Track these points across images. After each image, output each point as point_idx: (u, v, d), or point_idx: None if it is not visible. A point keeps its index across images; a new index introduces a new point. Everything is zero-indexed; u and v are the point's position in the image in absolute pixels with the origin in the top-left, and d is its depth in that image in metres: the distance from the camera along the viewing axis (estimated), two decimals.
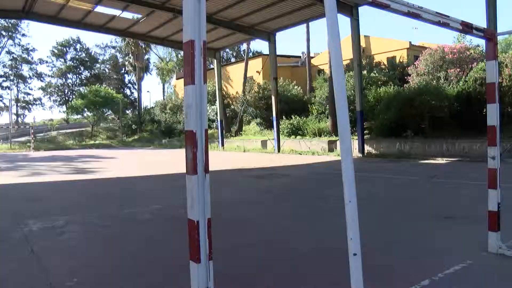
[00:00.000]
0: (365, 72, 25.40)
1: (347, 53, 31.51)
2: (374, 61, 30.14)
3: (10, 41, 71.83)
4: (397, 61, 30.89)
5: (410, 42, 33.16)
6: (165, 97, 68.59)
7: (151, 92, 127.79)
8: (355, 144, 19.17)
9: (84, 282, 3.96)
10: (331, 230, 5.75)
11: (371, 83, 24.98)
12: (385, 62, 30.61)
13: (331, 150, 21.43)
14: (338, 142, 20.95)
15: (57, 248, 5.27)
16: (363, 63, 26.33)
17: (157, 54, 73.06)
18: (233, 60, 68.25)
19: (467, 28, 3.46)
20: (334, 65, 1.64)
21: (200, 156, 2.07)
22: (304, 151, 22.62)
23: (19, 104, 76.23)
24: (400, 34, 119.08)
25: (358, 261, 1.72)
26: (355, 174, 1.87)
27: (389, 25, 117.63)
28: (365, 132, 20.96)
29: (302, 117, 27.60)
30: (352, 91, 21.34)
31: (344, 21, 25.13)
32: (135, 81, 67.40)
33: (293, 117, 27.35)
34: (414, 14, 2.73)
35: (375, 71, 26.99)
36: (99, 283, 3.94)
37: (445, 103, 18.74)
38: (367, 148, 19.93)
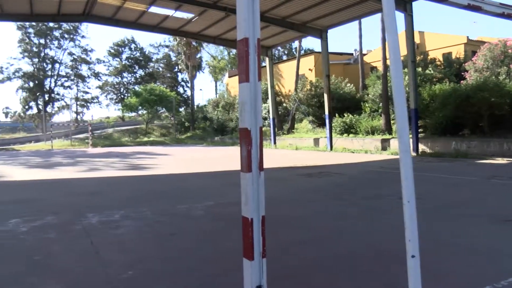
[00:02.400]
0: (419, 69, 24.65)
1: (401, 50, 30.74)
2: (429, 58, 29.21)
3: (71, 43, 75.00)
4: (454, 57, 29.81)
5: (467, 37, 31.86)
6: (217, 95, 69.35)
7: (204, 90, 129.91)
8: (409, 142, 18.65)
9: (139, 275, 4.07)
10: (383, 230, 5.64)
11: (426, 80, 24.23)
12: (441, 59, 29.60)
13: (384, 148, 20.99)
14: (391, 141, 20.59)
15: (113, 241, 5.44)
16: (417, 59, 25.61)
17: (209, 52, 73.99)
18: (284, 58, 68.13)
19: None
20: (393, 61, 1.59)
21: (255, 154, 2.07)
22: (356, 149, 22.27)
23: (78, 103, 79.29)
24: (456, 29, 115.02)
25: (416, 263, 1.67)
26: None
27: (445, 20, 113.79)
28: (419, 130, 20.38)
29: (355, 115, 27.14)
30: (406, 89, 20.73)
31: (397, 17, 24.51)
32: (188, 79, 68.63)
33: (345, 115, 26.95)
34: (475, 6, 2.63)
35: (429, 68, 26.17)
36: (152, 277, 4.03)
37: (506, 100, 17.91)
38: (421, 147, 19.38)
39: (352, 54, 43.30)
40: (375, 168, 14.03)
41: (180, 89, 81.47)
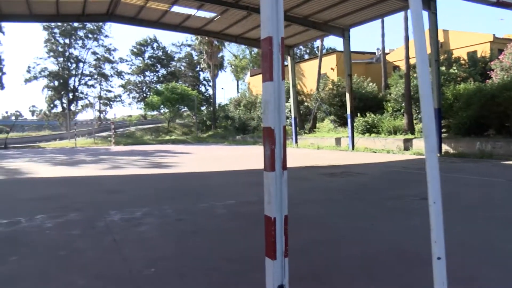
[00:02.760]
0: (443, 68, 24.33)
1: None
2: (453, 56, 28.78)
3: (95, 43, 76.13)
4: (479, 55, 29.31)
5: (494, 35, 31.26)
6: (239, 94, 69.58)
7: (225, 89, 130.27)
8: (436, 143, 18.37)
9: (161, 273, 4.10)
10: (405, 231, 5.58)
11: (450, 79, 23.89)
12: (465, 57, 29.14)
13: (406, 148, 20.75)
14: (414, 141, 20.37)
15: (135, 238, 5.50)
16: (441, 58, 25.25)
17: (230, 51, 74.21)
18: (306, 57, 67.94)
19: None
20: (419, 61, 1.57)
21: (278, 153, 2.07)
22: (378, 149, 22.08)
23: (101, 101, 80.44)
24: (481, 27, 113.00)
25: (442, 266, 1.65)
26: None
27: (470, 18, 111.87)
28: (442, 130, 20.10)
29: (377, 114, 26.93)
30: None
31: None
32: (209, 78, 68.98)
33: (367, 115, 26.76)
34: (505, 3, 2.57)
35: (454, 67, 25.79)
36: (174, 275, 4.06)
37: None
38: (444, 147, 19.10)
39: (374, 53, 42.99)
40: (397, 168, 13.90)
41: (202, 88, 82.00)
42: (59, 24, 67.54)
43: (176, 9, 25.21)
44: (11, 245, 5.25)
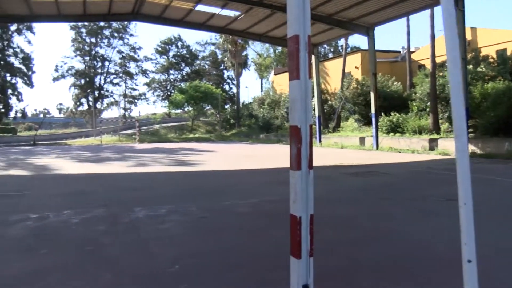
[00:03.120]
0: (470, 66, 23.87)
1: None
2: (481, 55, 28.17)
3: (120, 41, 77.13)
4: (509, 53, 28.63)
5: None
6: (263, 92, 69.55)
7: (249, 87, 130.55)
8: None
9: (185, 270, 4.13)
10: (431, 232, 5.49)
11: (477, 78, 23.41)
12: (494, 55, 28.52)
13: (432, 148, 20.45)
14: (439, 141, 20.06)
15: (160, 235, 5.55)
16: (468, 57, 24.79)
17: (254, 50, 74.24)
18: (330, 55, 67.56)
19: None
20: (450, 59, 1.55)
21: (305, 152, 2.06)
22: (403, 149, 21.82)
23: (126, 99, 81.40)
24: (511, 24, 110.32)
25: (473, 269, 1.61)
26: None
27: (500, 15, 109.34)
28: (469, 130, 19.73)
29: (402, 114, 26.60)
30: None
31: None
32: (233, 76, 69.22)
33: (392, 114, 26.46)
34: None
35: (481, 65, 25.27)
36: (198, 272, 4.08)
37: None
38: (471, 147, 18.72)
39: (399, 51, 42.46)
40: (423, 169, 13.71)
41: (226, 87, 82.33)
42: (86, 23, 68.66)
43: (200, 8, 25.36)
44: (41, 239, 5.36)
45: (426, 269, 4.05)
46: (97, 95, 75.80)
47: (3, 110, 58.67)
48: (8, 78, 58.94)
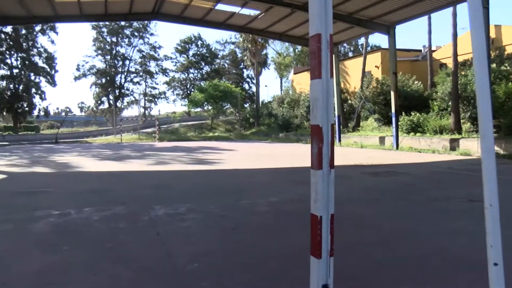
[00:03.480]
0: (494, 65, 23.45)
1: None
2: (505, 53, 27.65)
3: (140, 41, 77.92)
4: None
5: None
6: (282, 91, 69.51)
7: (269, 86, 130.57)
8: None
9: (204, 268, 4.14)
10: (452, 234, 5.41)
11: (501, 77, 23.00)
12: None
13: (453, 149, 20.18)
14: (461, 141, 19.78)
15: (179, 233, 5.58)
16: (492, 55, 24.37)
17: (274, 49, 74.29)
18: (350, 54, 67.18)
19: None
20: (477, 58, 1.52)
21: (326, 151, 2.05)
22: (423, 149, 21.58)
23: (146, 98, 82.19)
24: None
25: (499, 272, 1.58)
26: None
27: None
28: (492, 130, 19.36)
29: (422, 113, 26.30)
30: None
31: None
32: (253, 75, 69.31)
33: (412, 114, 26.18)
34: None
35: (506, 64, 24.81)
36: (217, 270, 4.09)
37: None
38: (494, 148, 18.40)
39: (420, 50, 42.02)
40: (443, 169, 13.53)
41: (246, 86, 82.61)
42: (107, 23, 69.58)
43: (220, 7, 25.43)
44: (63, 236, 5.44)
45: (449, 272, 4.00)
46: (117, 93, 76.71)
47: (27, 108, 59.73)
48: (32, 77, 59.98)
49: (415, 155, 19.13)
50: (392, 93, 24.12)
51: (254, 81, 68.70)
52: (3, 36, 55.65)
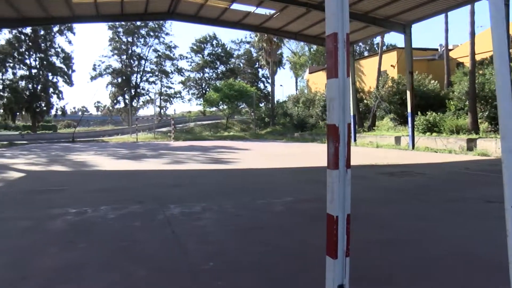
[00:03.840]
0: None
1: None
2: None
3: (156, 40, 78.43)
4: None
5: None
6: (297, 91, 69.42)
7: (284, 86, 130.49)
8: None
9: (219, 267, 4.15)
10: (468, 235, 5.35)
11: None
12: None
13: (470, 149, 19.93)
14: (478, 141, 19.55)
15: (194, 232, 5.60)
16: None
17: (289, 48, 74.21)
18: (366, 53, 66.79)
19: None
20: (498, 56, 1.50)
21: (342, 151, 2.04)
22: (440, 149, 21.36)
23: (162, 97, 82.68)
24: None
25: None
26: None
27: None
28: None
29: (439, 113, 26.04)
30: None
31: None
32: (268, 75, 69.33)
33: (428, 113, 25.93)
34: None
35: None
36: (233, 270, 4.10)
37: None
38: None
39: (437, 49, 41.59)
40: (460, 169, 13.39)
41: (261, 85, 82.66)
42: (123, 23, 70.17)
43: (235, 6, 25.46)
44: (80, 234, 5.50)
45: (467, 273, 3.96)
46: (133, 93, 77.25)
47: (45, 108, 60.51)
48: (50, 77, 60.76)
49: (431, 155, 18.96)
50: (408, 93, 23.90)
51: (269, 81, 68.76)
52: (22, 37, 56.48)
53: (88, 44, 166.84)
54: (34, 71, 58.80)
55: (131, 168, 14.66)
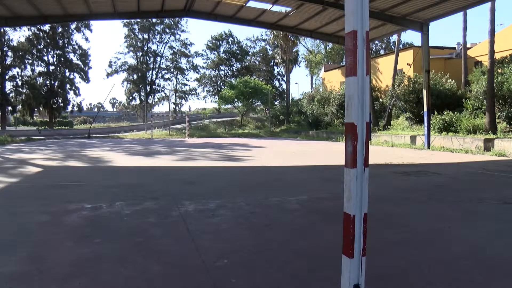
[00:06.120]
0: None
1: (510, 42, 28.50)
2: None
3: (172, 37, 78.77)
4: None
5: None
6: (312, 89, 69.16)
7: (299, 83, 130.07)
8: None
9: (234, 264, 4.16)
10: (488, 236, 5.29)
11: None
12: None
13: (487, 149, 19.67)
14: (495, 141, 19.28)
15: (209, 229, 5.61)
16: None
17: (305, 46, 73.97)
18: (382, 52, 66.33)
19: None
20: None
21: (360, 150, 2.02)
22: (456, 149, 21.12)
23: (177, 94, 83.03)
24: None
25: None
26: None
27: None
28: None
29: (455, 112, 25.73)
30: None
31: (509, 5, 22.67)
32: (284, 73, 69.23)
33: (445, 113, 25.64)
34: None
35: None
36: (247, 267, 4.10)
37: None
38: None
39: (454, 48, 41.09)
40: (477, 170, 13.21)
41: (276, 83, 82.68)
42: (139, 20, 70.57)
43: (251, 4, 25.44)
44: (95, 229, 5.56)
45: (484, 275, 3.91)
46: (148, 90, 77.74)
47: (61, 104, 61.15)
48: (67, 74, 61.36)
49: (447, 155, 18.75)
50: (425, 92, 23.65)
51: (285, 78, 68.67)
52: (41, 34, 57.16)
53: (105, 41, 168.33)
54: (51, 67, 59.44)
55: (145, 165, 14.74)
